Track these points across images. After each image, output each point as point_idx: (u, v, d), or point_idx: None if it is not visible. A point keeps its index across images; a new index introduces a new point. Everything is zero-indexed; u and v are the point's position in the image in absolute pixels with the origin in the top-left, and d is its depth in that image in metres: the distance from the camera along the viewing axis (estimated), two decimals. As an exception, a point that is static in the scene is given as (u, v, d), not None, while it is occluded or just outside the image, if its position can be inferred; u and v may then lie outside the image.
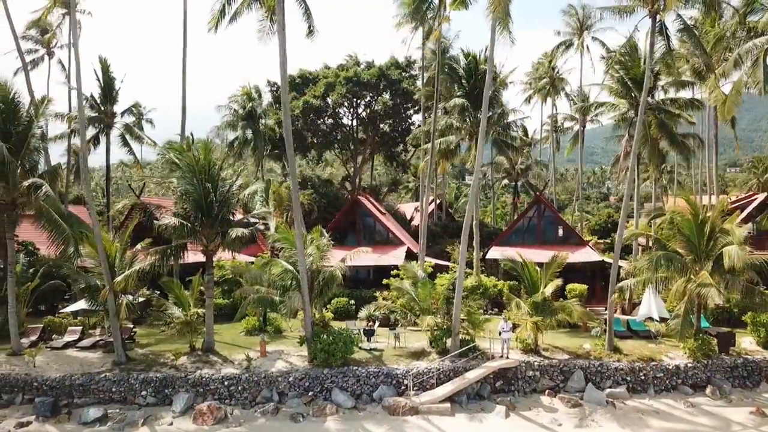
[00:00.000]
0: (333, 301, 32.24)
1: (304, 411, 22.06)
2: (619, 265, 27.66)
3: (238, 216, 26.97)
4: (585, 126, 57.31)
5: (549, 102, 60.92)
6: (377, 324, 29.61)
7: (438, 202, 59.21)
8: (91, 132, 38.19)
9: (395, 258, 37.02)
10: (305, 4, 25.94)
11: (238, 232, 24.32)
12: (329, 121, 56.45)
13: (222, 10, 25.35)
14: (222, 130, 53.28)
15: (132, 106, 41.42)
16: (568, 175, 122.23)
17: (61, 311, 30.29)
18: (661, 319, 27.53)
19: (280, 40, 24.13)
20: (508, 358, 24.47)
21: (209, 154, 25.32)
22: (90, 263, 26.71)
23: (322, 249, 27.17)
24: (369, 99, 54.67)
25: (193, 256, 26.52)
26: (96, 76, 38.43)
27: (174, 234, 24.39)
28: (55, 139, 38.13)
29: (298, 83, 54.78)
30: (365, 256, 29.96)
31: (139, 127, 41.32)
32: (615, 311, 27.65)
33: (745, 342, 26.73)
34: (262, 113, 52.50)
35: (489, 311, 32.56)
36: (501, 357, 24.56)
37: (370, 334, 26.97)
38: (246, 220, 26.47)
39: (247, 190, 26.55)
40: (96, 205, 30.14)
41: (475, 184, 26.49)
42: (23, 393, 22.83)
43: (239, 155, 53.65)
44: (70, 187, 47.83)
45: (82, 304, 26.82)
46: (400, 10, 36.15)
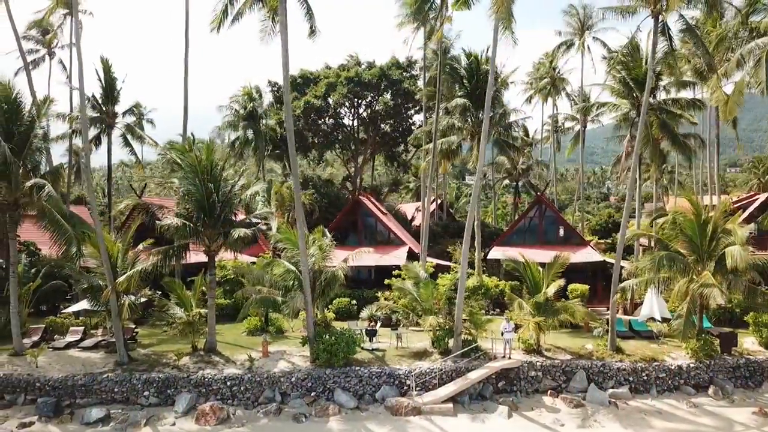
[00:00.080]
0: (334, 301, 32.27)
1: (306, 411, 22.08)
2: (621, 266, 27.65)
3: (240, 216, 26.93)
4: (586, 126, 57.30)
5: (550, 102, 60.96)
6: (379, 324, 29.62)
7: (439, 202, 59.21)
8: (92, 132, 38.10)
9: (397, 258, 37.01)
10: (307, 5, 25.95)
11: (240, 232, 24.32)
12: (330, 121, 56.33)
13: (225, 11, 25.33)
14: (223, 130, 53.34)
15: (133, 106, 41.37)
16: (569, 175, 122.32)
17: (63, 311, 30.29)
18: (663, 319, 27.54)
19: (283, 40, 24.11)
20: (510, 358, 24.46)
21: (211, 154, 25.36)
22: (92, 263, 26.73)
23: (325, 249, 27.20)
24: (370, 99, 54.58)
25: (195, 256, 26.50)
26: (97, 76, 38.35)
27: (176, 234, 24.39)
28: (56, 139, 38.15)
29: (299, 83, 54.75)
30: (367, 257, 29.96)
31: (140, 127, 41.25)
32: (617, 311, 27.63)
33: (747, 342, 26.74)
34: (263, 113, 52.50)
35: (491, 311, 32.59)
36: (503, 357, 24.56)
37: (372, 334, 26.98)
38: (248, 221, 26.45)
39: (249, 190, 26.51)
40: (97, 206, 30.06)
41: (477, 184, 26.48)
42: (26, 393, 22.82)
43: (240, 155, 53.67)
44: (71, 187, 47.82)
45: (84, 305, 26.84)
46: (402, 11, 36.19)
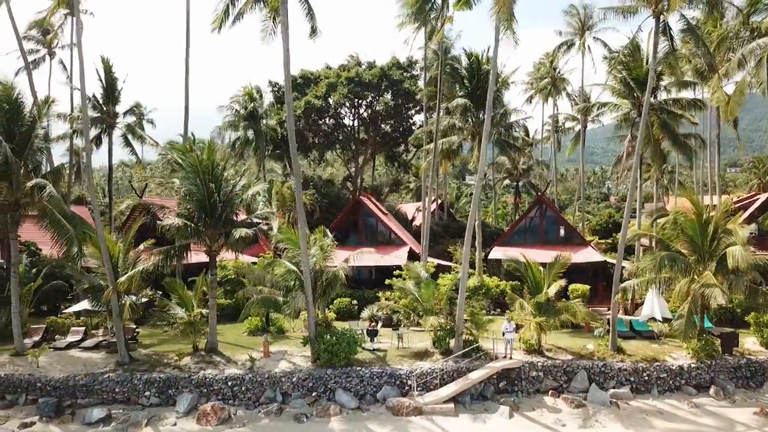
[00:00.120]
0: (335, 301, 32.27)
1: (307, 411, 22.07)
2: (622, 266, 27.63)
3: (242, 216, 26.93)
4: (586, 126, 57.30)
5: (550, 102, 60.97)
6: (380, 324, 29.61)
7: (439, 202, 59.21)
8: (93, 132, 38.18)
9: (398, 258, 37.02)
10: (308, 5, 25.97)
11: (241, 232, 24.32)
12: (331, 122, 56.32)
13: (226, 11, 25.35)
14: (223, 130, 53.33)
15: (133, 106, 41.40)
16: (569, 175, 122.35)
17: (63, 312, 30.27)
18: (664, 319, 27.52)
19: (284, 41, 24.10)
20: (511, 358, 24.45)
21: (213, 154, 25.37)
22: (93, 263, 26.73)
23: (326, 249, 27.19)
24: (370, 99, 54.59)
25: (196, 256, 26.49)
26: (98, 76, 38.40)
27: (177, 234, 24.37)
28: (57, 139, 38.17)
29: (300, 83, 54.75)
30: (368, 257, 29.96)
31: (140, 127, 41.30)
32: (618, 311, 27.62)
33: (749, 342, 26.73)
34: (264, 113, 52.54)
35: (491, 312, 32.59)
36: (504, 357, 24.55)
37: (373, 334, 26.97)
38: (249, 221, 26.45)
39: (250, 190, 26.50)
40: (98, 206, 30.05)
41: (479, 184, 26.48)
42: (27, 393, 22.79)
43: (241, 155, 53.68)
44: (71, 187, 47.80)
45: (84, 305, 26.83)
46: (403, 11, 36.17)
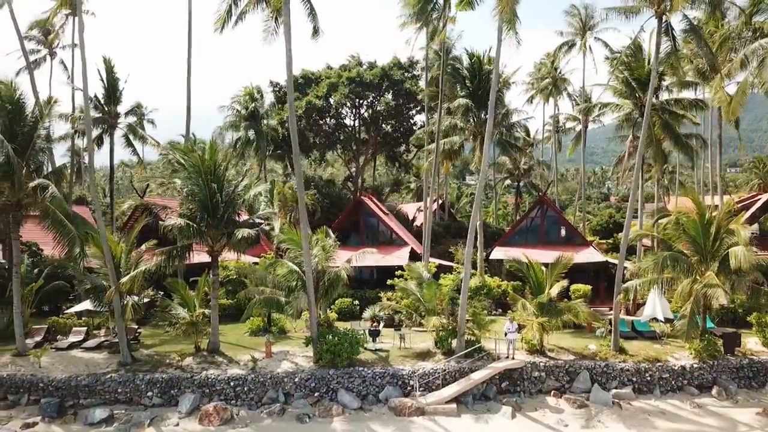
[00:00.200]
0: (337, 301, 32.27)
1: (310, 412, 22.09)
2: (624, 266, 27.60)
3: (244, 217, 26.92)
4: (587, 126, 57.26)
5: (551, 102, 60.95)
6: (382, 324, 29.60)
7: (440, 202, 59.19)
8: (94, 132, 38.15)
9: (399, 258, 37.02)
10: (310, 5, 25.98)
11: (244, 232, 24.30)
12: (332, 122, 56.38)
13: (228, 11, 25.34)
14: (225, 130, 53.29)
15: (135, 106, 41.38)
16: (569, 176, 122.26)
17: (65, 312, 30.27)
18: (665, 319, 27.50)
19: (287, 41, 24.09)
20: (513, 358, 24.44)
21: (215, 154, 25.35)
22: (95, 264, 26.74)
23: (328, 250, 27.18)
24: (371, 99, 54.63)
25: (197, 256, 26.50)
26: (100, 76, 38.37)
27: (180, 235, 24.39)
28: (58, 139, 38.14)
29: (301, 83, 54.76)
30: (370, 257, 29.96)
31: (141, 127, 41.29)
32: (619, 312, 27.59)
33: (751, 343, 26.72)
34: (265, 113, 52.51)
35: (493, 312, 32.57)
36: (506, 358, 24.54)
37: (375, 334, 26.95)
38: (251, 221, 26.44)
39: (252, 190, 26.50)
40: (99, 206, 29.99)
41: (481, 185, 26.46)
42: (29, 394, 22.82)
43: (241, 156, 53.66)
44: (72, 187, 47.75)
45: (86, 305, 26.86)
46: (405, 11, 36.14)
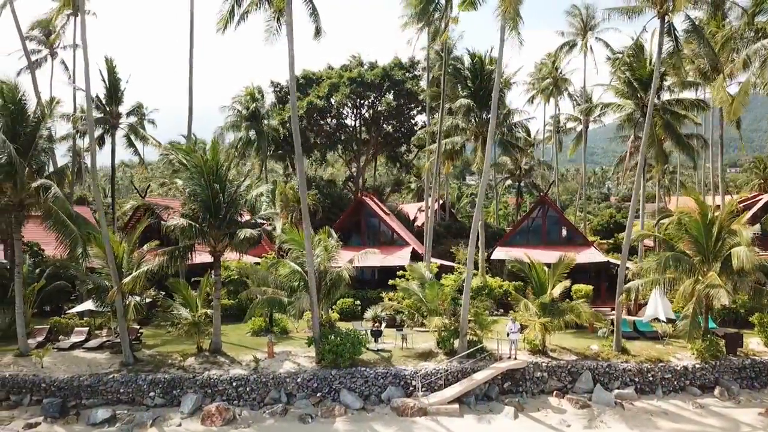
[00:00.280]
0: (338, 301, 32.23)
1: (312, 412, 22.09)
2: (626, 266, 27.58)
3: (246, 217, 26.91)
4: (588, 126, 57.24)
5: (552, 102, 60.88)
6: (383, 325, 29.59)
7: (441, 202, 59.17)
8: (96, 132, 38.14)
9: (401, 259, 37.01)
10: (312, 5, 25.96)
11: (246, 233, 24.26)
12: (333, 122, 56.38)
13: (231, 11, 25.36)
14: (226, 130, 53.27)
15: (136, 107, 41.39)
16: (569, 176, 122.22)
17: (67, 312, 30.26)
18: (667, 320, 27.50)
19: (289, 41, 24.09)
20: (516, 359, 24.44)
21: (217, 154, 25.34)
22: (97, 264, 26.74)
23: (330, 250, 27.17)
24: (373, 99, 54.62)
25: (199, 256, 26.49)
26: (101, 76, 38.42)
27: (182, 235, 24.35)
28: (60, 140, 38.10)
29: (302, 84, 54.74)
30: (372, 257, 29.95)
31: (141, 127, 41.31)
32: (621, 312, 27.57)
33: (753, 343, 26.71)
34: (266, 114, 52.50)
35: (494, 312, 32.56)
36: (509, 358, 24.52)
37: (377, 335, 26.93)
38: (253, 221, 26.45)
39: (255, 191, 26.51)
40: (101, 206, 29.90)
41: (483, 185, 26.45)
42: (31, 394, 22.81)
43: (242, 156, 53.64)
44: (73, 187, 47.76)
45: (88, 305, 26.86)
46: (407, 11, 36.11)
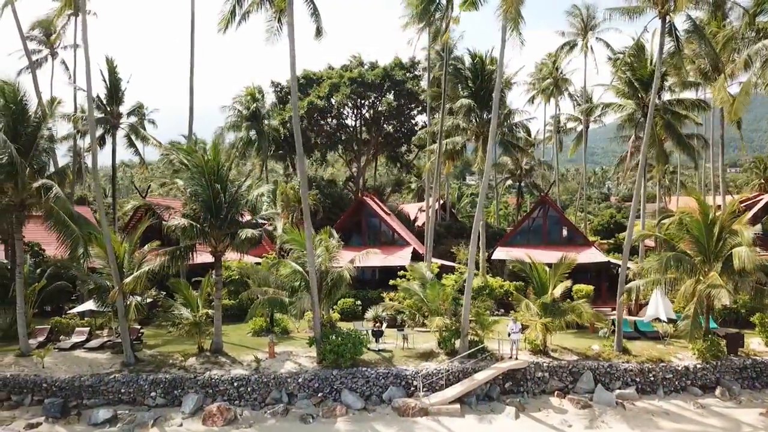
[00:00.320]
0: (339, 301, 32.24)
1: (313, 412, 22.08)
2: (627, 266, 27.58)
3: (247, 217, 26.91)
4: (588, 126, 57.22)
5: (552, 102, 60.86)
6: (384, 325, 29.60)
7: (441, 202, 59.16)
8: (97, 132, 38.07)
9: (401, 259, 37.02)
10: (314, 5, 25.92)
11: (247, 233, 24.27)
12: (333, 122, 56.37)
13: (232, 11, 25.34)
14: (226, 130, 53.25)
15: (137, 107, 41.37)
16: (569, 176, 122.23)
17: (68, 312, 30.26)
18: (668, 320, 27.50)
19: (290, 41, 24.08)
20: (517, 359, 24.44)
21: (218, 155, 25.34)
22: (98, 264, 26.73)
23: (331, 250, 27.17)
24: (373, 99, 54.60)
25: (199, 256, 26.48)
26: (102, 76, 38.36)
27: (183, 235, 24.34)
28: (60, 140, 38.08)
29: (303, 84, 54.72)
30: (374, 257, 29.94)
31: (142, 127, 41.28)
32: (622, 312, 27.57)
33: (754, 343, 26.71)
34: (266, 114, 52.48)
35: (495, 312, 32.57)
36: (510, 358, 24.53)
37: (378, 335, 26.93)
38: (254, 221, 26.44)
39: (256, 191, 26.50)
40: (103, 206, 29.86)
41: (485, 185, 26.42)
42: (32, 394, 22.80)
43: (243, 156, 53.63)
44: (73, 187, 47.73)
45: (89, 305, 26.86)
46: (408, 11, 36.09)
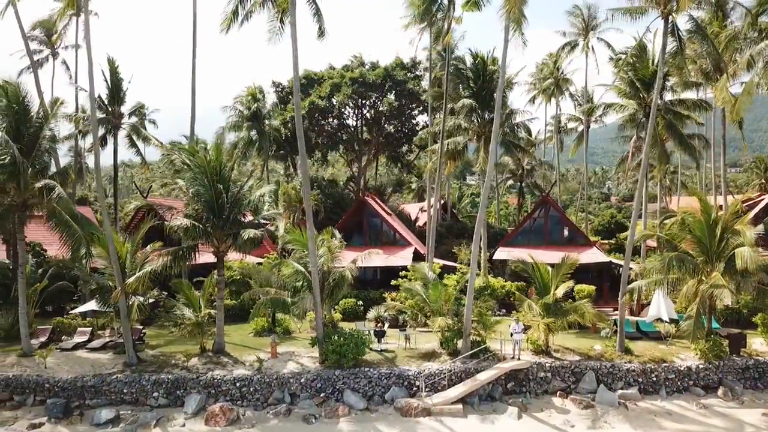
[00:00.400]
0: (341, 302, 32.22)
1: (316, 412, 22.07)
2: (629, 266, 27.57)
3: (249, 217, 26.91)
4: (589, 126, 57.21)
5: (553, 102, 60.84)
6: (386, 325, 29.59)
7: (442, 202, 59.14)
8: (98, 132, 38.09)
9: (403, 259, 37.02)
10: (316, 5, 25.93)
11: (250, 233, 24.28)
12: (334, 122, 56.38)
13: (235, 11, 25.32)
14: (227, 130, 53.27)
15: (138, 107, 41.38)
16: (569, 176, 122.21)
17: (70, 312, 30.25)
18: (670, 320, 27.49)
19: (293, 41, 24.08)
20: (519, 359, 24.42)
21: (221, 155, 25.34)
22: (100, 264, 26.72)
23: (333, 250, 27.17)
24: (374, 99, 54.63)
25: (201, 257, 26.45)
26: (104, 76, 38.37)
27: (186, 235, 24.32)
28: (62, 140, 38.10)
29: (304, 84, 54.69)
30: (376, 257, 29.94)
31: (143, 127, 41.29)
32: (624, 312, 27.54)
33: (756, 343, 26.68)
34: (267, 114, 52.49)
35: (497, 312, 32.54)
36: (512, 358, 24.52)
37: (380, 335, 26.92)
38: (256, 222, 26.44)
39: (258, 191, 26.49)
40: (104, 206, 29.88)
41: (487, 186, 26.40)
42: (35, 394, 22.81)
43: (244, 156, 53.64)
44: (75, 187, 47.74)
45: (92, 305, 26.82)
46: (409, 11, 36.10)
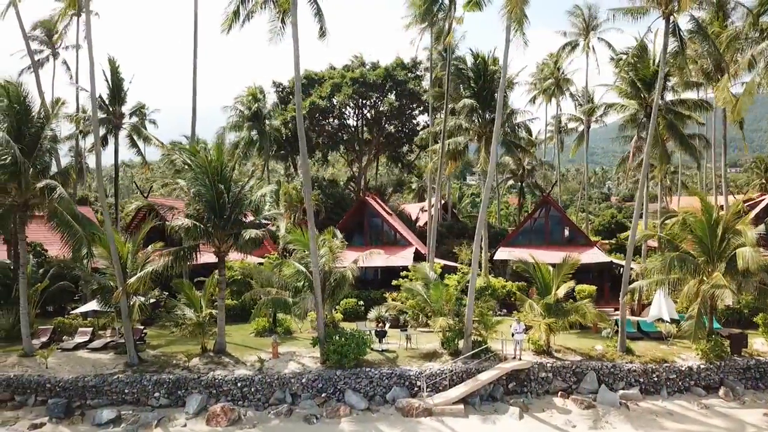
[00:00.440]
0: (342, 302, 32.22)
1: (317, 412, 22.07)
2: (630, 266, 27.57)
3: (250, 218, 26.91)
4: (590, 126, 57.20)
5: (553, 102, 60.81)
6: (387, 325, 29.60)
7: (443, 202, 59.12)
8: (99, 133, 38.11)
9: (404, 259, 37.02)
10: (317, 5, 25.92)
11: (251, 233, 24.26)
12: (335, 122, 56.35)
13: (236, 11, 25.33)
14: (228, 130, 53.25)
15: (139, 107, 41.39)
16: (569, 176, 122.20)
17: (71, 312, 30.25)
18: (671, 320, 27.49)
19: (294, 40, 24.08)
20: (520, 359, 24.43)
21: (222, 155, 25.35)
22: (101, 264, 26.72)
23: (335, 250, 27.18)
24: (375, 100, 54.59)
25: (202, 257, 26.45)
26: (104, 76, 38.34)
27: (187, 235, 24.31)
28: (63, 140, 38.08)
29: (304, 84, 54.60)
30: (377, 257, 29.95)
31: (143, 127, 41.31)
32: (625, 312, 27.54)
33: (757, 343, 26.68)
34: (268, 114, 52.48)
35: (498, 312, 32.53)
36: (513, 358, 24.53)
37: (381, 335, 26.93)
38: (258, 222, 26.44)
39: (259, 191, 26.48)
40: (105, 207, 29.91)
41: (488, 186, 26.42)
42: (36, 394, 22.79)
43: (245, 156, 53.64)
44: (75, 187, 47.77)
45: (93, 305, 26.83)
46: (410, 11, 36.08)
